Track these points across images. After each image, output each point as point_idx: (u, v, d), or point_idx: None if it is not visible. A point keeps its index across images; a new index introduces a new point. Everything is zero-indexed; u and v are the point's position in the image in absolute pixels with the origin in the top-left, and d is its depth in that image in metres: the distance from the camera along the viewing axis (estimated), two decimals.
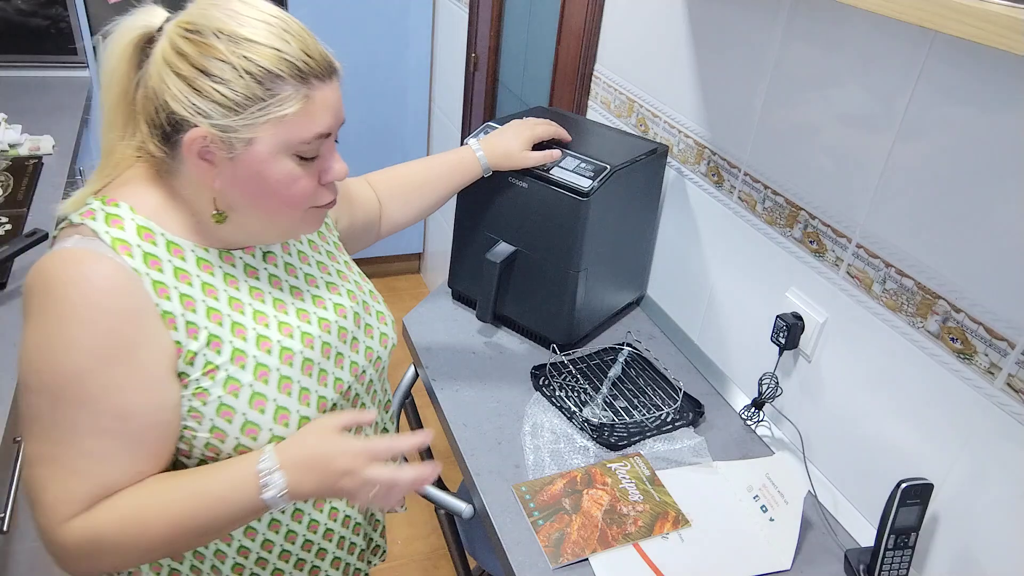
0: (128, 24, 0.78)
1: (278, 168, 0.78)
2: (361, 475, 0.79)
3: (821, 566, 1.03)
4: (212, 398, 0.79)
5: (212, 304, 0.81)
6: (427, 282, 3.42)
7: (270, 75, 0.74)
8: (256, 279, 0.87)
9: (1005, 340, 0.87)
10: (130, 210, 0.79)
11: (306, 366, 0.86)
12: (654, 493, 1.09)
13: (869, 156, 1.03)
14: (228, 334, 0.81)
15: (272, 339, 0.84)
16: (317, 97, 0.77)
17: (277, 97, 0.74)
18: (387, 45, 2.86)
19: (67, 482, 0.74)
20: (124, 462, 0.76)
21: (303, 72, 0.75)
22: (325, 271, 0.97)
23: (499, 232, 1.39)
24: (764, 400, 1.24)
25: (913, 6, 0.72)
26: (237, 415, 0.80)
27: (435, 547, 2.16)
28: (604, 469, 1.13)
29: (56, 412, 0.73)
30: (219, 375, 0.80)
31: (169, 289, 0.78)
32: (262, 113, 0.74)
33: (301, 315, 0.89)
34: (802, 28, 1.12)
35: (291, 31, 0.76)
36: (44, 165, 1.88)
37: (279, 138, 0.76)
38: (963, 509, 0.95)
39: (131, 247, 0.76)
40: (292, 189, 0.79)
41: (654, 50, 1.48)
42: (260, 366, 0.82)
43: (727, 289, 1.36)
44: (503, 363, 1.36)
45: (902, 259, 1.00)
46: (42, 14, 2.37)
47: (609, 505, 1.06)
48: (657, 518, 1.05)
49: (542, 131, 1.30)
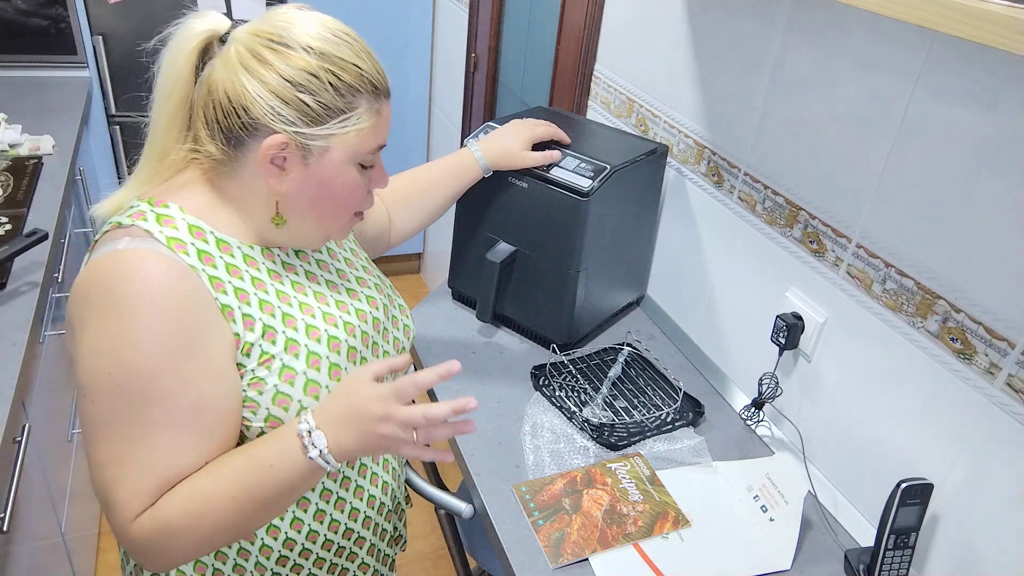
0: (191, 28, 0.81)
1: (345, 176, 0.84)
2: (397, 416, 0.77)
3: (821, 566, 1.03)
4: (268, 387, 0.82)
5: (263, 297, 0.84)
6: (427, 282, 3.42)
7: (352, 89, 0.80)
8: (295, 274, 0.91)
9: (1005, 340, 0.87)
10: (180, 210, 0.81)
11: (351, 354, 0.90)
12: (654, 493, 1.09)
13: (869, 156, 1.03)
14: (281, 324, 0.84)
15: (320, 328, 0.88)
16: (384, 112, 0.84)
17: (356, 111, 0.81)
18: (387, 45, 2.86)
19: (139, 480, 0.76)
20: (197, 453, 0.78)
21: (378, 89, 0.83)
22: (352, 267, 1.01)
23: (499, 232, 1.39)
24: (764, 400, 1.24)
25: (913, 6, 0.72)
26: (293, 402, 0.83)
27: (435, 547, 2.16)
28: (604, 469, 1.13)
29: (130, 411, 0.74)
30: (275, 364, 0.82)
31: (224, 283, 0.80)
32: (342, 125, 0.80)
33: (341, 306, 0.92)
34: (802, 28, 1.12)
35: (366, 51, 0.83)
36: (44, 165, 1.88)
37: (351, 149, 0.82)
38: (963, 509, 0.95)
39: (186, 245, 0.79)
40: (352, 196, 0.86)
41: (654, 50, 1.48)
42: (312, 354, 0.85)
43: (727, 289, 1.36)
44: (503, 363, 1.36)
45: (902, 259, 1.00)
46: (42, 14, 2.37)
47: (609, 505, 1.06)
48: (657, 518, 1.05)
49: (542, 131, 1.30)
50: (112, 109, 2.58)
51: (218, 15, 0.82)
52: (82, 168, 2.17)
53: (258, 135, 0.78)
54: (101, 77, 2.51)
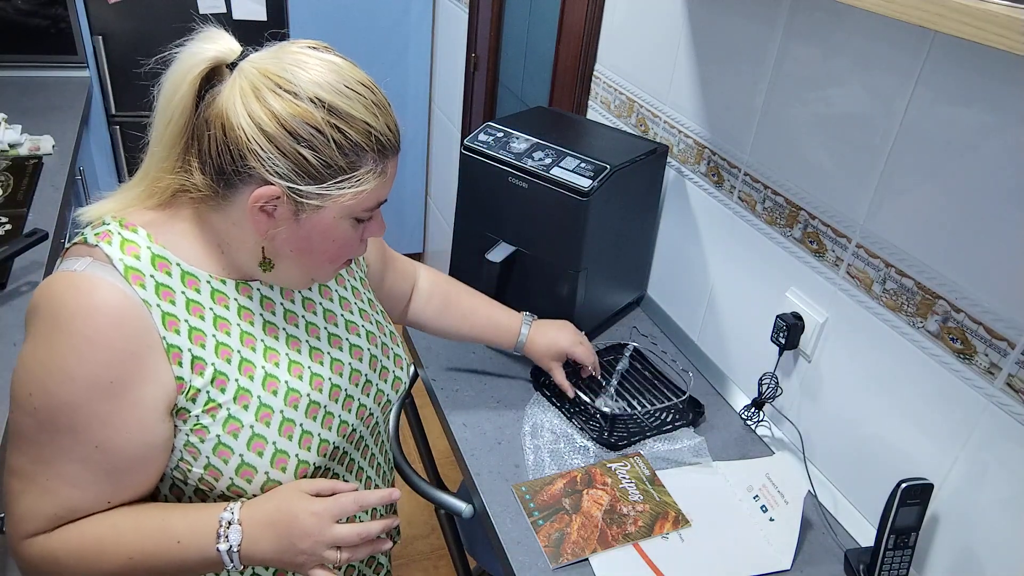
0: (198, 52, 0.74)
1: (337, 231, 0.79)
2: (327, 536, 0.78)
3: (821, 566, 1.03)
4: (210, 436, 0.78)
5: (223, 339, 0.79)
6: None
7: (357, 148, 0.74)
8: (272, 313, 0.85)
9: (1005, 340, 0.87)
10: (147, 237, 0.77)
11: (311, 409, 0.85)
12: (654, 493, 1.09)
13: (869, 156, 1.03)
14: (235, 371, 0.80)
15: (280, 379, 0.83)
16: (390, 170, 0.79)
17: (358, 171, 0.75)
18: (387, 45, 2.86)
19: (37, 500, 0.74)
20: (97, 491, 0.76)
21: (384, 148, 0.77)
22: (347, 308, 0.95)
23: (499, 232, 1.39)
24: (764, 400, 1.24)
25: (913, 6, 0.72)
26: (234, 456, 0.79)
27: (435, 547, 2.16)
28: (604, 469, 1.12)
29: (40, 433, 0.73)
30: (220, 413, 0.78)
31: (179, 322, 0.76)
32: (341, 186, 0.75)
33: (314, 355, 0.87)
34: (802, 28, 1.12)
35: (379, 104, 0.76)
36: (44, 165, 1.88)
37: (348, 208, 0.77)
38: (963, 509, 0.95)
39: (144, 276, 0.75)
40: (341, 249, 0.81)
41: (654, 50, 1.48)
42: (263, 407, 0.81)
43: (727, 289, 1.36)
44: (503, 363, 1.36)
45: (902, 259, 1.00)
46: (42, 14, 2.37)
47: (609, 505, 1.06)
48: (657, 518, 1.05)
49: (584, 352, 1.24)
50: (112, 109, 2.59)
51: (229, 40, 0.76)
52: (82, 168, 2.17)
53: (251, 181, 0.74)
54: (101, 77, 2.51)
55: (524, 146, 1.35)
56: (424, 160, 3.18)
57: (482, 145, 1.37)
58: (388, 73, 3.10)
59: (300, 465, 0.83)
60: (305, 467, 0.83)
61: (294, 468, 0.82)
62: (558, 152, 1.32)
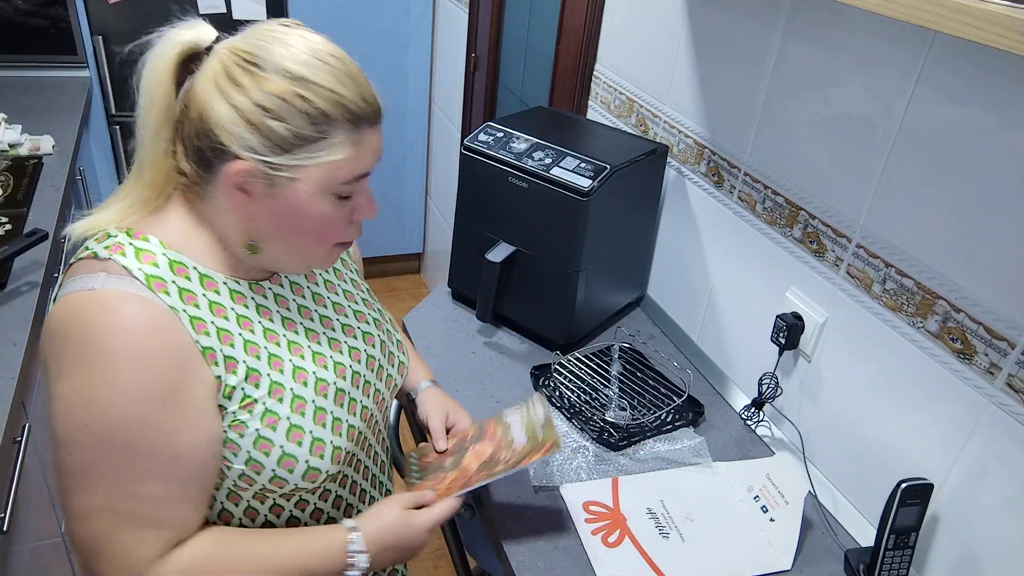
0: (174, 38, 0.75)
1: (316, 207, 0.77)
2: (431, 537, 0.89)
3: (821, 566, 1.03)
4: (250, 431, 0.78)
5: (249, 337, 0.80)
6: (427, 282, 3.42)
7: (326, 117, 0.73)
8: (287, 309, 0.87)
9: (1005, 340, 0.87)
10: (160, 244, 0.77)
11: (339, 396, 0.86)
12: (540, 433, 0.97)
13: (869, 156, 1.03)
14: (265, 367, 0.80)
15: (308, 370, 0.84)
16: (365, 141, 0.77)
17: (328, 140, 0.74)
18: (387, 45, 2.86)
19: (133, 531, 0.73)
20: (181, 502, 0.76)
21: (356, 116, 0.75)
22: (352, 299, 0.97)
23: (499, 232, 1.39)
24: (764, 400, 1.24)
25: (913, 6, 0.72)
26: (275, 448, 0.80)
27: (435, 547, 2.16)
28: (498, 420, 1.03)
29: (108, 462, 0.72)
30: (257, 408, 0.79)
31: (207, 324, 0.77)
32: (311, 155, 0.74)
33: (333, 344, 0.89)
34: (802, 28, 1.12)
35: (351, 74, 0.75)
36: (44, 165, 1.88)
37: (323, 180, 0.76)
38: (963, 509, 0.95)
39: (166, 283, 0.75)
40: (325, 227, 0.79)
41: (654, 50, 1.48)
42: (297, 398, 0.82)
43: (727, 289, 1.36)
44: (503, 363, 1.36)
45: (902, 259, 1.00)
46: (42, 14, 2.37)
47: (490, 456, 0.97)
48: (530, 452, 0.95)
49: (437, 441, 1.06)
50: (112, 109, 2.59)
51: (205, 27, 0.77)
52: (82, 168, 2.17)
53: (225, 159, 0.74)
54: (101, 77, 2.51)
55: (524, 146, 1.35)
56: (424, 160, 3.18)
57: (482, 145, 1.38)
58: (388, 73, 3.11)
59: (335, 451, 0.84)
60: (339, 452, 0.85)
61: (330, 454, 0.84)
62: (558, 152, 1.32)
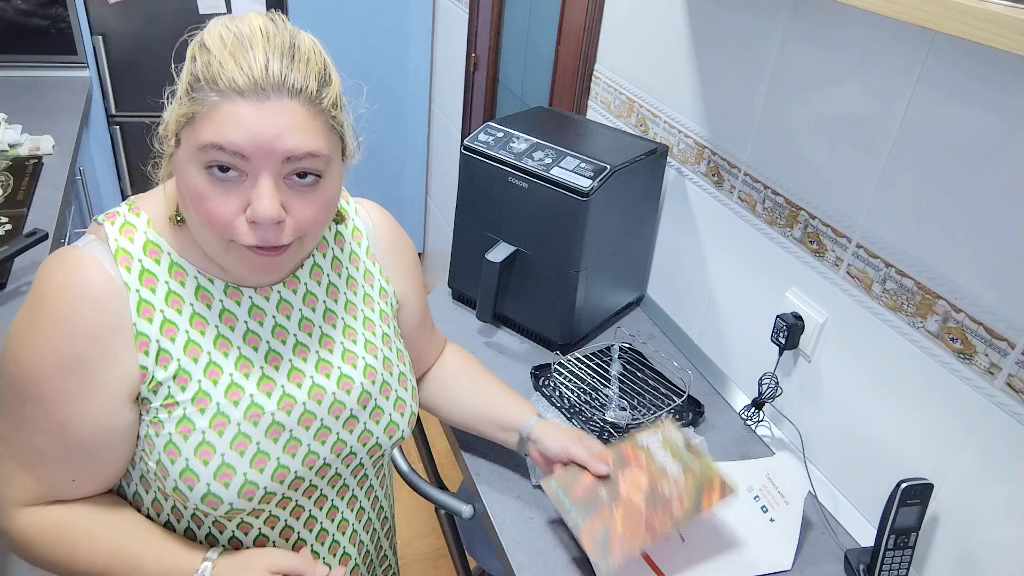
0: None
1: (190, 177, 0.71)
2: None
3: (821, 566, 1.03)
4: (163, 432, 0.77)
5: (195, 337, 0.78)
6: (427, 282, 3.42)
7: (199, 77, 0.69)
8: (259, 324, 0.82)
9: (1005, 340, 0.87)
10: (147, 223, 0.78)
11: (272, 429, 0.80)
12: (693, 462, 0.98)
13: (869, 156, 1.03)
14: (199, 372, 0.77)
15: (245, 391, 0.79)
16: (227, 108, 0.68)
17: (194, 99, 0.69)
18: (387, 45, 2.86)
19: (17, 470, 0.77)
20: (64, 468, 0.77)
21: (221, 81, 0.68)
22: (351, 337, 0.88)
23: (499, 232, 1.39)
24: (764, 400, 1.24)
25: (913, 6, 0.72)
26: (180, 458, 0.77)
27: (435, 547, 2.16)
28: (634, 444, 1.00)
29: (13, 401, 0.75)
30: (176, 412, 0.77)
31: (154, 311, 0.76)
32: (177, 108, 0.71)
33: (293, 375, 0.83)
34: (802, 28, 1.12)
35: (253, 47, 0.69)
36: (44, 165, 1.88)
37: (189, 143, 0.71)
38: (963, 509, 0.95)
39: (131, 260, 0.76)
40: (201, 205, 0.72)
41: (654, 50, 1.48)
42: (220, 415, 0.78)
43: (727, 289, 1.36)
44: (503, 363, 1.36)
45: (902, 259, 1.00)
46: (42, 14, 2.37)
47: (649, 487, 0.95)
48: (701, 492, 0.95)
49: (597, 467, 0.98)
50: (112, 109, 2.59)
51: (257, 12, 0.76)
52: (82, 168, 2.17)
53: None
54: (101, 77, 2.51)
55: (524, 146, 1.35)
56: (424, 160, 3.18)
57: (482, 145, 1.38)
58: (388, 73, 3.11)
59: (247, 485, 0.78)
60: (252, 488, 0.78)
61: (238, 487, 0.78)
62: (558, 152, 1.32)
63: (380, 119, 3.04)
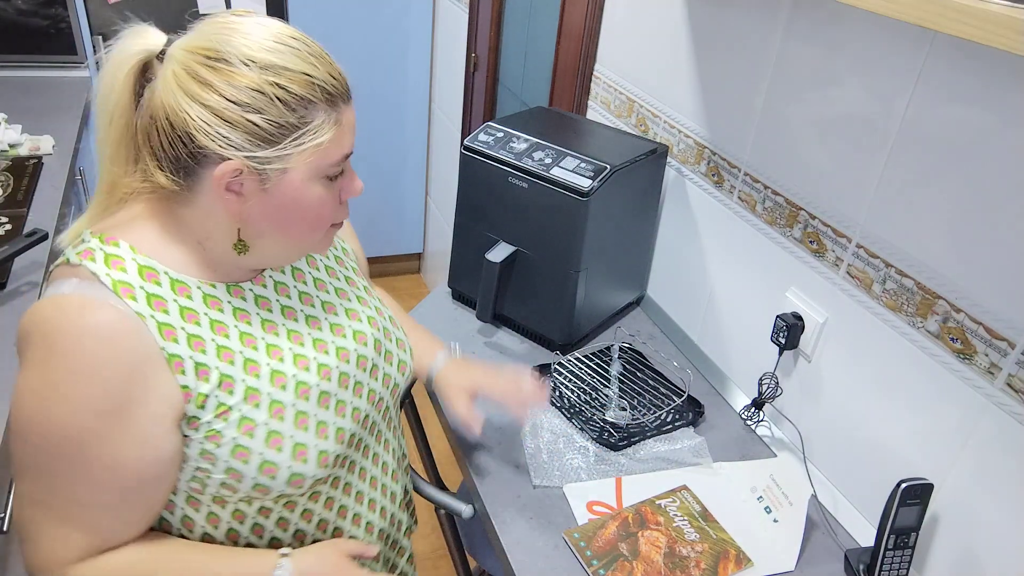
0: (124, 50, 0.74)
1: (310, 193, 0.76)
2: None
3: (821, 566, 1.03)
4: (226, 440, 0.77)
5: (223, 342, 0.78)
6: (427, 282, 3.42)
7: (303, 102, 0.72)
8: (269, 311, 0.85)
9: (1005, 340, 0.87)
10: (131, 249, 0.76)
11: (323, 399, 0.85)
12: (710, 530, 1.05)
13: (869, 156, 1.03)
14: (241, 372, 0.79)
15: (287, 374, 0.82)
16: (345, 119, 0.76)
17: (311, 125, 0.73)
18: (387, 45, 2.86)
19: (62, 528, 0.74)
20: (115, 512, 0.76)
21: (332, 96, 0.74)
22: (344, 297, 0.94)
23: (499, 232, 1.39)
24: (764, 400, 1.24)
25: (913, 6, 0.72)
26: (254, 455, 0.79)
27: (435, 547, 2.16)
28: (654, 507, 1.08)
29: (48, 461, 0.72)
30: (232, 416, 0.78)
31: (176, 330, 0.75)
32: (297, 142, 0.73)
33: (318, 345, 0.87)
34: (802, 28, 1.12)
35: (315, 54, 0.74)
36: (44, 165, 1.87)
37: (313, 165, 0.75)
38: (963, 509, 0.95)
39: (134, 289, 0.74)
40: (321, 212, 0.79)
41: (654, 50, 1.48)
42: (275, 403, 0.80)
43: (727, 289, 1.36)
44: (503, 363, 1.36)
45: (902, 259, 1.00)
46: (42, 14, 2.37)
47: (667, 547, 1.01)
48: (719, 558, 1.00)
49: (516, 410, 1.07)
50: None
51: (153, 31, 0.75)
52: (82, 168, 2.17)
53: (208, 162, 0.72)
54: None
55: (524, 146, 1.35)
56: (424, 160, 3.18)
57: (482, 145, 1.38)
58: (388, 73, 3.11)
59: (321, 455, 0.83)
60: (325, 456, 0.84)
61: (315, 458, 0.83)
62: (558, 152, 1.32)
63: (380, 119, 3.05)
